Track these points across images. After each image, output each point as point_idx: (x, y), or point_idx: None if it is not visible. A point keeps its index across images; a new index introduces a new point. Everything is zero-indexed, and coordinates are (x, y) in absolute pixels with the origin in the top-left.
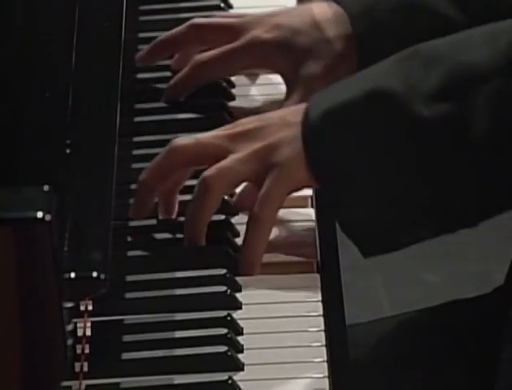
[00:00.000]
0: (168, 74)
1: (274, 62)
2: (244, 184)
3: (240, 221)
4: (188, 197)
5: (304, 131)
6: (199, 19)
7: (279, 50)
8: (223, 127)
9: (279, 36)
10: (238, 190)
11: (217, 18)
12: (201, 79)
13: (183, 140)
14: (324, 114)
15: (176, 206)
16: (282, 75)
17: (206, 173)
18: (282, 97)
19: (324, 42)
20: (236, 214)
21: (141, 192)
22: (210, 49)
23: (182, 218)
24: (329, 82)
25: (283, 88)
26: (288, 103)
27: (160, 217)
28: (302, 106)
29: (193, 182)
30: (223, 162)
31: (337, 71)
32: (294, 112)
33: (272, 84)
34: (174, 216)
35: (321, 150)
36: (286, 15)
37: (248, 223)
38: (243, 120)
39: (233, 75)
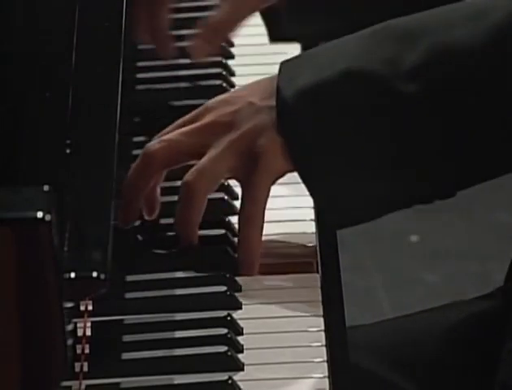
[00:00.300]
0: (168, 74)
1: None
2: None
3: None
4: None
5: (278, 115)
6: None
7: None
8: (188, 118)
9: None
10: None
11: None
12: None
13: (155, 144)
14: (298, 95)
15: (159, 203)
16: None
17: (187, 177)
18: None
19: None
20: (236, 214)
21: (127, 199)
22: None
23: None
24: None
25: None
26: (222, 9)
27: (146, 218)
28: (271, 85)
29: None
30: (202, 163)
31: None
32: (262, 93)
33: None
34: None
35: (299, 135)
36: None
37: (239, 222)
38: (209, 105)
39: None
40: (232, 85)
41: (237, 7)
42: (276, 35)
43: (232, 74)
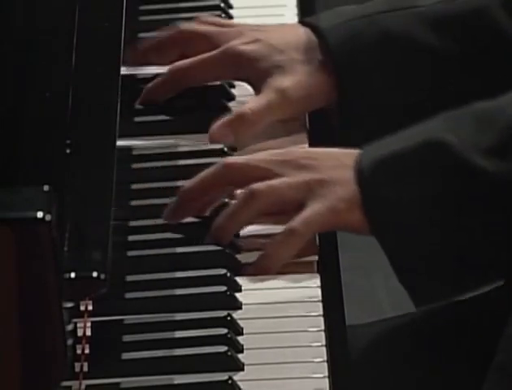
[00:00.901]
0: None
1: (244, 72)
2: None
3: None
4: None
5: (358, 177)
6: (185, 25)
7: (252, 63)
8: (273, 152)
9: (256, 49)
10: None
11: (202, 25)
12: (178, 85)
13: (235, 158)
14: (377, 162)
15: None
16: (249, 83)
17: (256, 186)
18: None
19: (302, 63)
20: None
21: (183, 199)
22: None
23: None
24: (300, 101)
25: None
26: (255, 101)
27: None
28: (355, 151)
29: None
30: (274, 182)
31: (310, 92)
32: (348, 155)
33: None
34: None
35: (377, 197)
36: (269, 32)
37: (281, 234)
38: (293, 149)
39: (209, 82)
40: (230, 82)
41: (277, 104)
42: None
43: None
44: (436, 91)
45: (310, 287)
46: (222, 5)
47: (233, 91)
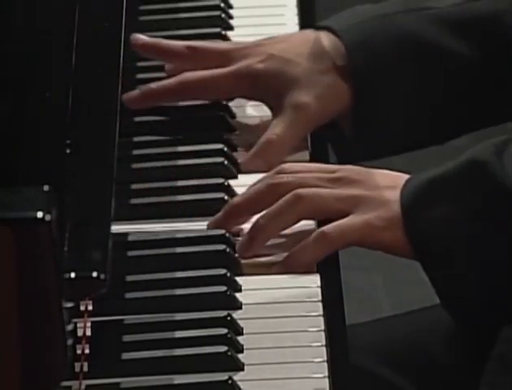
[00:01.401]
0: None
1: (261, 91)
2: None
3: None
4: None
5: (401, 197)
6: (196, 43)
7: (268, 81)
8: (327, 168)
9: (271, 66)
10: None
11: (213, 43)
12: (184, 96)
13: (287, 176)
14: (422, 182)
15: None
16: (265, 103)
17: (303, 190)
18: None
19: (316, 73)
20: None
21: (230, 214)
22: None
23: (182, 218)
24: (319, 113)
25: None
26: (278, 125)
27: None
28: (407, 175)
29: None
30: (321, 190)
31: (328, 101)
32: (400, 177)
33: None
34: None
35: (418, 216)
36: (280, 44)
37: (313, 236)
38: (345, 167)
39: (217, 99)
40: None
41: (299, 122)
42: (342, 155)
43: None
44: (450, 94)
45: (310, 287)
46: (222, 5)
47: None
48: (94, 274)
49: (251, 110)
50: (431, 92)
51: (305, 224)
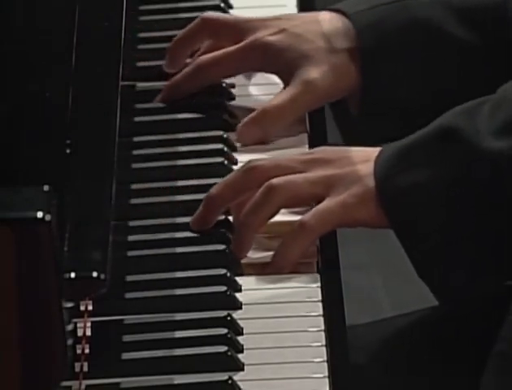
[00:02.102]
0: (169, 74)
1: (272, 63)
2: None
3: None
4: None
5: (376, 168)
6: (209, 13)
7: (280, 53)
8: (300, 153)
9: (283, 40)
10: None
11: (225, 15)
12: (203, 80)
13: (261, 160)
14: (394, 151)
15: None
16: (278, 76)
17: (275, 180)
18: None
19: (327, 52)
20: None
21: (209, 205)
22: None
23: (180, 219)
24: (326, 91)
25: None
26: (279, 95)
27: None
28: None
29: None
30: (294, 176)
31: (336, 80)
32: (373, 151)
33: (272, 84)
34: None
35: (391, 186)
36: (293, 21)
37: (293, 229)
38: (321, 148)
39: (235, 75)
40: (230, 82)
41: (302, 96)
42: (348, 135)
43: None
44: (459, 80)
45: (310, 287)
46: (222, 5)
47: (233, 91)
48: (94, 274)
49: (251, 110)
50: (439, 76)
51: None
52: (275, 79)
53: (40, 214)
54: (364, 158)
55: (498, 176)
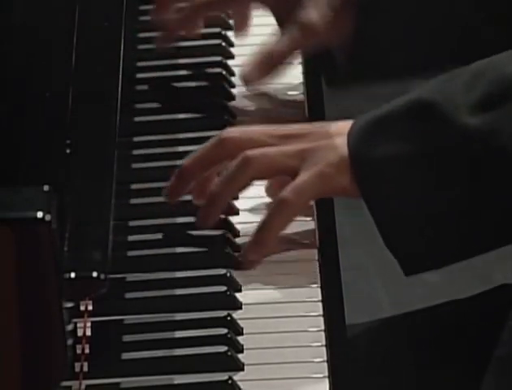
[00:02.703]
0: (168, 74)
1: (268, 2)
2: None
3: (240, 221)
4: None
5: (349, 138)
6: None
7: None
8: (273, 127)
9: None
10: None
11: None
12: (203, 14)
13: (232, 131)
14: (369, 122)
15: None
16: (273, 11)
17: (250, 152)
18: (282, 97)
19: None
20: (236, 213)
21: (181, 177)
22: None
23: (180, 219)
24: (322, 31)
25: (283, 88)
26: (281, 40)
27: (194, 202)
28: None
29: None
30: (268, 149)
31: (334, 23)
32: (346, 123)
33: (272, 84)
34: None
35: (364, 156)
36: None
37: (270, 207)
38: (294, 125)
39: (233, 8)
40: (230, 82)
41: (298, 40)
42: (331, 77)
43: (232, 74)
44: (450, 28)
45: (310, 287)
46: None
47: (233, 91)
48: (94, 274)
49: (251, 110)
50: (431, 17)
51: (305, 224)
52: (276, 79)
53: (40, 214)
54: (338, 131)
55: (472, 153)
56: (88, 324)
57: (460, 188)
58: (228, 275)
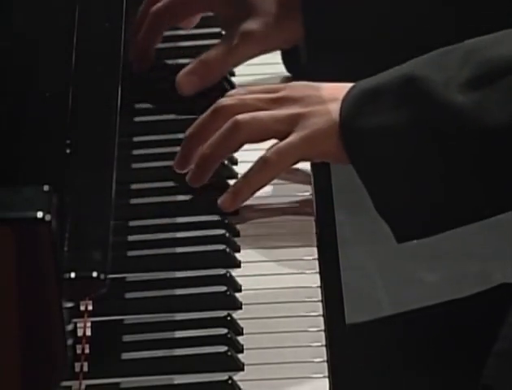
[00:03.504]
0: (168, 74)
1: (221, 7)
2: None
3: (240, 221)
4: (187, 197)
5: (343, 105)
6: None
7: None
8: (269, 88)
9: None
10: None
11: None
12: (162, 25)
13: (228, 99)
14: (362, 92)
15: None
16: (222, 19)
17: (240, 116)
18: None
19: (270, 2)
20: (236, 213)
21: (187, 145)
22: None
23: (180, 219)
24: (266, 41)
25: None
26: (217, 46)
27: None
28: (350, 84)
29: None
30: (259, 113)
31: (275, 30)
32: (342, 88)
33: (272, 85)
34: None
35: (355, 125)
36: None
37: (255, 164)
38: (291, 84)
39: (189, 17)
40: (230, 82)
41: (234, 48)
42: (295, 71)
43: (232, 74)
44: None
45: (310, 287)
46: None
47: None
48: (94, 274)
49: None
50: (378, 19)
51: (305, 218)
52: (276, 80)
53: (40, 214)
54: (332, 95)
55: (459, 129)
56: (88, 324)
57: (444, 160)
58: (228, 275)
